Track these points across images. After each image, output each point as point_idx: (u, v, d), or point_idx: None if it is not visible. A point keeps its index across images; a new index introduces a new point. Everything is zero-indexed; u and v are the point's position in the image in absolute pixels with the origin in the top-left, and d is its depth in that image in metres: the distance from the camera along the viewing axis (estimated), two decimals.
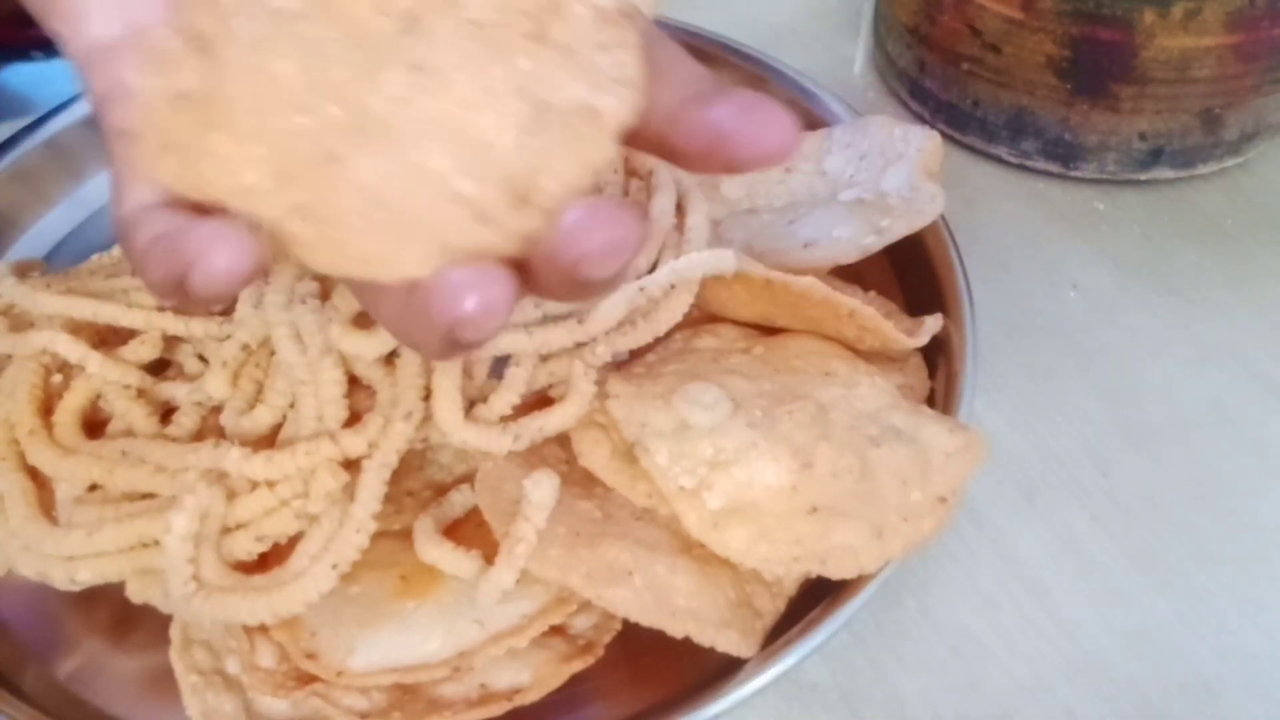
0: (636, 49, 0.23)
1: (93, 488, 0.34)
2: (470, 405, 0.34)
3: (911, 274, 0.41)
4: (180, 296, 0.22)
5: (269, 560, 0.33)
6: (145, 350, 0.36)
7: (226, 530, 0.32)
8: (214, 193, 0.22)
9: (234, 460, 0.32)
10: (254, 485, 0.32)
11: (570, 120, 0.22)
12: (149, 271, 0.22)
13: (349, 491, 0.32)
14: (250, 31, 0.23)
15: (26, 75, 0.55)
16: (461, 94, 0.22)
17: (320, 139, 0.22)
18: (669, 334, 0.36)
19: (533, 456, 0.34)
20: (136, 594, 0.33)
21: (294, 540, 0.32)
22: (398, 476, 0.34)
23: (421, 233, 0.21)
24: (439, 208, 0.22)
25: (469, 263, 0.21)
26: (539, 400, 0.35)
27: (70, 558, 0.32)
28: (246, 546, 0.32)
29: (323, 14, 0.23)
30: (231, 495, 0.32)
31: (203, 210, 0.22)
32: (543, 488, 0.31)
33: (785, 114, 0.23)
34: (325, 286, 0.36)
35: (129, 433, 0.35)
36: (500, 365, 0.35)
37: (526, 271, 0.22)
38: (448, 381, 0.33)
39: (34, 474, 0.34)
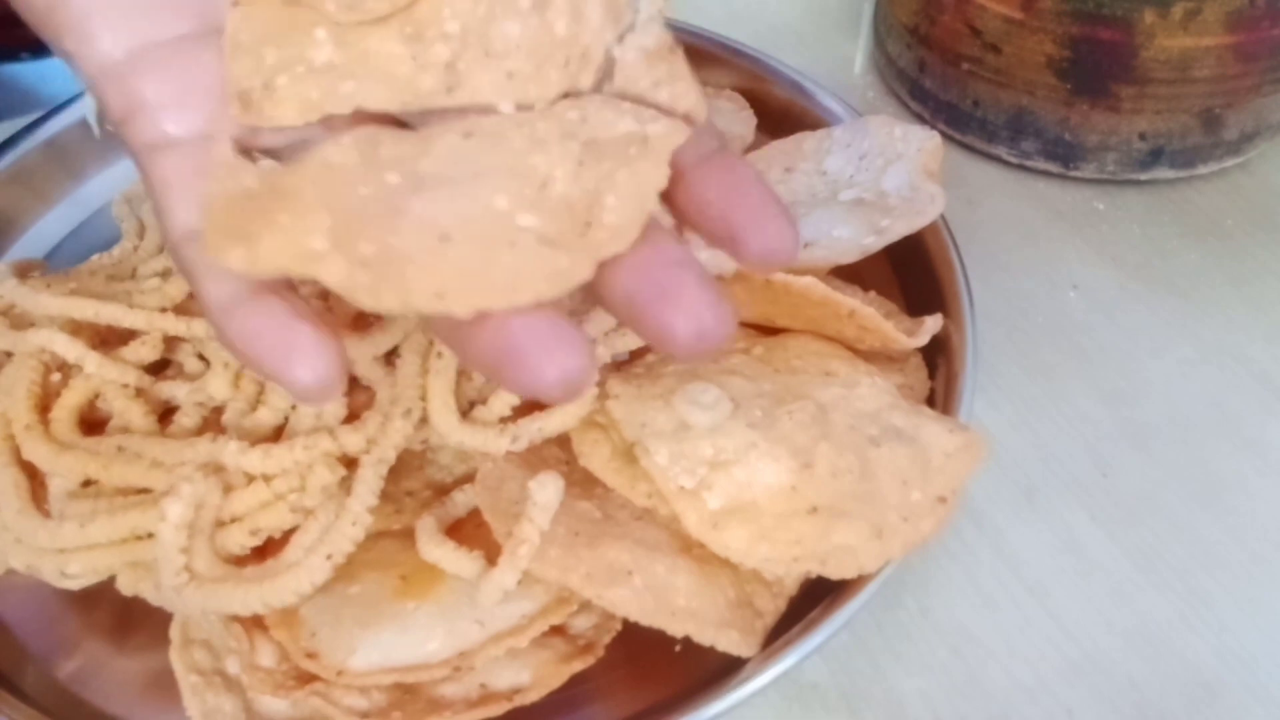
0: (689, 78, 0.24)
1: (88, 484, 0.34)
2: (470, 406, 0.34)
3: (911, 274, 0.41)
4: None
5: (263, 557, 0.32)
6: (146, 351, 0.36)
7: (221, 524, 0.32)
8: (280, 264, 0.21)
9: (231, 453, 0.32)
10: (250, 480, 0.32)
11: (622, 148, 0.23)
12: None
13: (345, 486, 0.32)
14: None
15: (26, 75, 0.55)
16: (514, 146, 0.23)
17: (381, 199, 0.22)
18: None
19: (533, 457, 0.34)
20: (127, 586, 0.33)
21: (288, 536, 0.32)
22: (398, 477, 0.34)
23: (490, 263, 0.21)
24: (505, 240, 0.22)
25: (546, 302, 0.21)
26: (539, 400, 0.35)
27: (61, 550, 0.32)
28: (241, 540, 0.32)
29: (364, 69, 0.24)
30: (228, 490, 0.32)
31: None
32: (548, 490, 0.31)
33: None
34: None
35: (127, 432, 0.35)
36: None
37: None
38: (441, 384, 0.33)
39: (29, 469, 0.34)
